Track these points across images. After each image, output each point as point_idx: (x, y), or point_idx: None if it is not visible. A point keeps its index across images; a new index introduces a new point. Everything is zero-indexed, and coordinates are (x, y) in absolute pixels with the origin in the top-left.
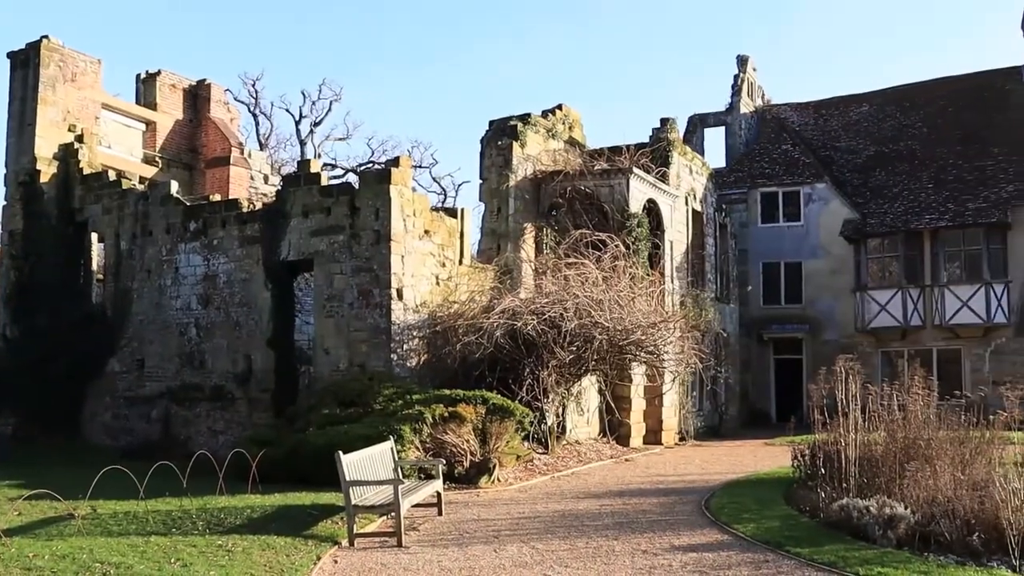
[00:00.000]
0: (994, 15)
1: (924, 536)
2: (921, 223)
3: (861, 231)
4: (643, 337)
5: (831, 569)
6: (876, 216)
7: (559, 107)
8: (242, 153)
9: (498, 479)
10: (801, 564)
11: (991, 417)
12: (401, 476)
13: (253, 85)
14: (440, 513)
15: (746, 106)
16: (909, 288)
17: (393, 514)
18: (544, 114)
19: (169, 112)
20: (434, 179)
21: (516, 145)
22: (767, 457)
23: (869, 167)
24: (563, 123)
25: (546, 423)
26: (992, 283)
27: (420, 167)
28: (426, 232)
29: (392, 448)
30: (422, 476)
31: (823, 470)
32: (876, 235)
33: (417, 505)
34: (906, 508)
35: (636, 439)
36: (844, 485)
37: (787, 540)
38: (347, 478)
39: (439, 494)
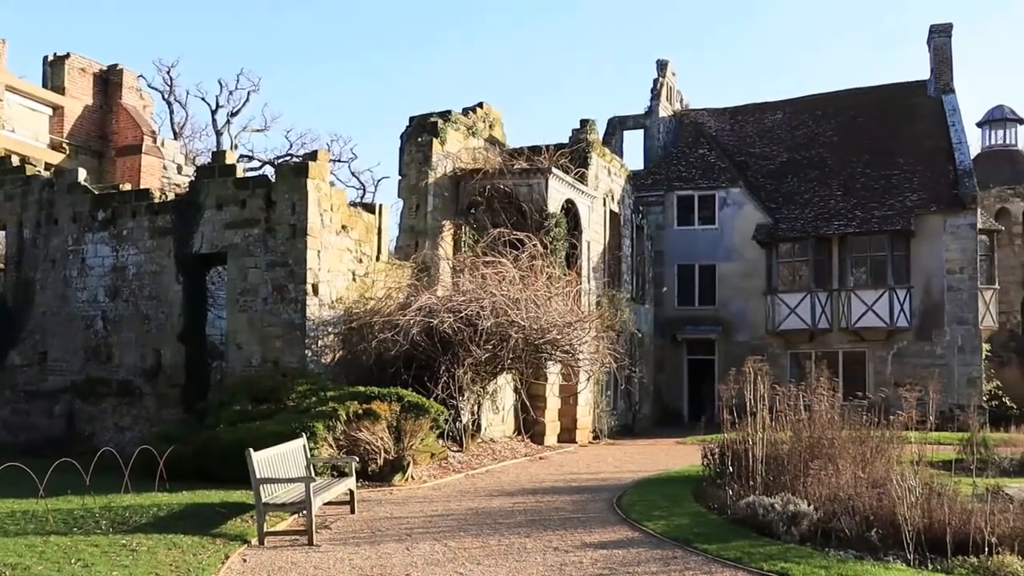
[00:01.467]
0: (903, 30)
1: (826, 532)
2: (830, 229)
3: (773, 235)
4: (559, 336)
5: (737, 565)
6: (787, 221)
7: (480, 105)
8: (155, 142)
9: (412, 477)
10: (708, 560)
11: (891, 417)
12: (313, 474)
13: (168, 72)
14: (353, 511)
15: (665, 110)
16: (818, 292)
17: (304, 512)
18: (465, 112)
19: (78, 97)
20: (353, 174)
21: (436, 142)
22: (679, 456)
23: (782, 173)
24: (484, 121)
25: (461, 421)
26: (896, 288)
27: (339, 161)
28: (343, 227)
29: (305, 445)
30: (335, 474)
31: (731, 468)
32: (787, 240)
33: (329, 503)
34: (809, 505)
35: (551, 437)
36: (751, 483)
37: (695, 537)
38: (257, 475)
39: (352, 492)
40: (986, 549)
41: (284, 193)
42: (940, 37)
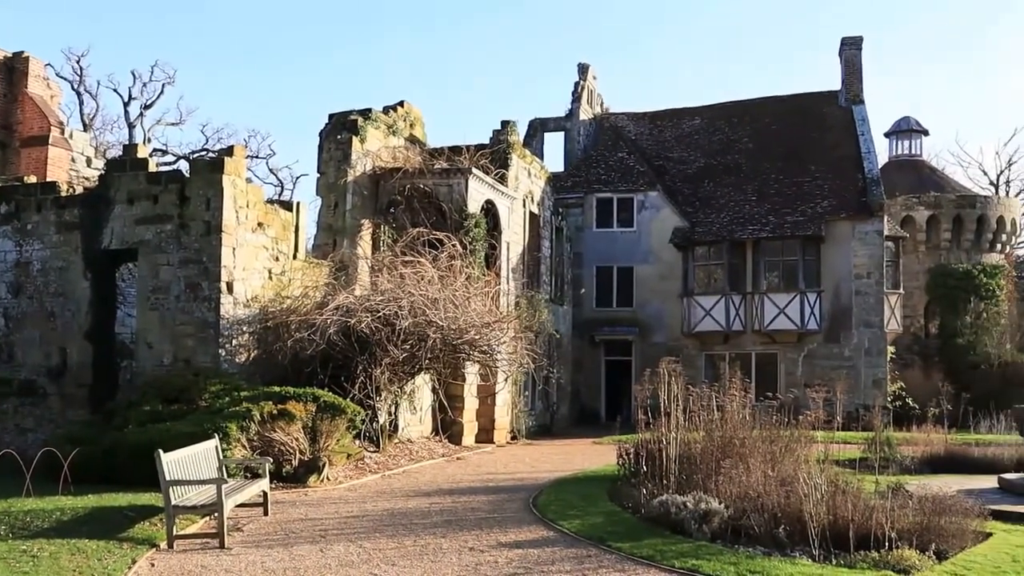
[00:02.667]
0: (815, 41)
1: (736, 529)
2: (744, 233)
3: (689, 239)
4: (477, 337)
5: (649, 563)
6: (704, 225)
7: (401, 104)
8: (62, 133)
9: (328, 478)
10: (622, 558)
11: (800, 417)
12: (226, 475)
13: (78, 61)
14: (266, 513)
15: (585, 113)
16: (732, 295)
17: (216, 514)
18: (386, 110)
19: None
20: (271, 171)
21: (356, 140)
22: (595, 455)
23: (699, 178)
24: (404, 120)
25: (378, 421)
26: (806, 292)
27: (257, 157)
28: (260, 225)
29: (217, 446)
30: (249, 475)
31: (645, 468)
32: (703, 243)
33: (242, 505)
34: (720, 503)
35: (468, 437)
36: (665, 482)
37: (609, 535)
38: (167, 477)
39: (265, 493)
40: (887, 544)
41: (199, 189)
42: (850, 49)
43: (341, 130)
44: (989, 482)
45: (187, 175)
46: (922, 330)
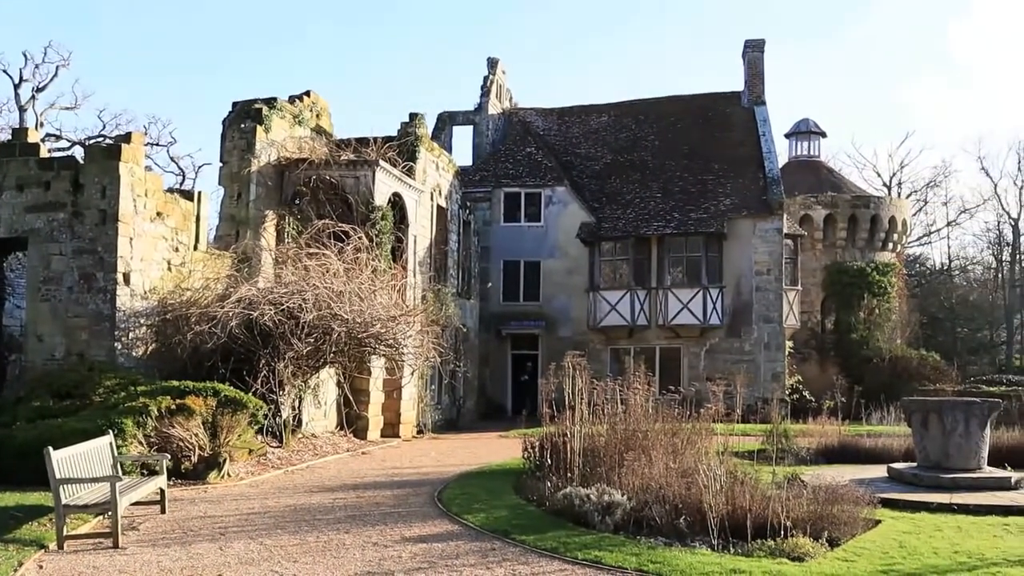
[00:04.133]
0: (721, 43)
1: (638, 520)
2: (649, 229)
3: (596, 234)
4: (383, 330)
5: (553, 555)
6: (610, 221)
7: (307, 94)
8: None
9: (228, 474)
10: (525, 551)
11: (702, 410)
12: (121, 473)
13: None
14: (163, 511)
15: (494, 107)
16: (637, 290)
17: (110, 513)
18: (291, 100)
19: None
20: (172, 159)
21: (260, 129)
22: (501, 449)
23: (605, 174)
24: (311, 110)
25: (281, 416)
26: (709, 288)
27: (157, 145)
28: (159, 214)
29: (111, 443)
30: (145, 472)
31: (550, 461)
32: (609, 239)
33: (138, 503)
34: (623, 495)
35: (374, 432)
36: (569, 475)
37: (514, 528)
38: (57, 475)
39: (163, 491)
40: (782, 532)
41: (94, 176)
42: (753, 52)
43: (245, 119)
44: (879, 471)
45: (82, 161)
46: (819, 325)
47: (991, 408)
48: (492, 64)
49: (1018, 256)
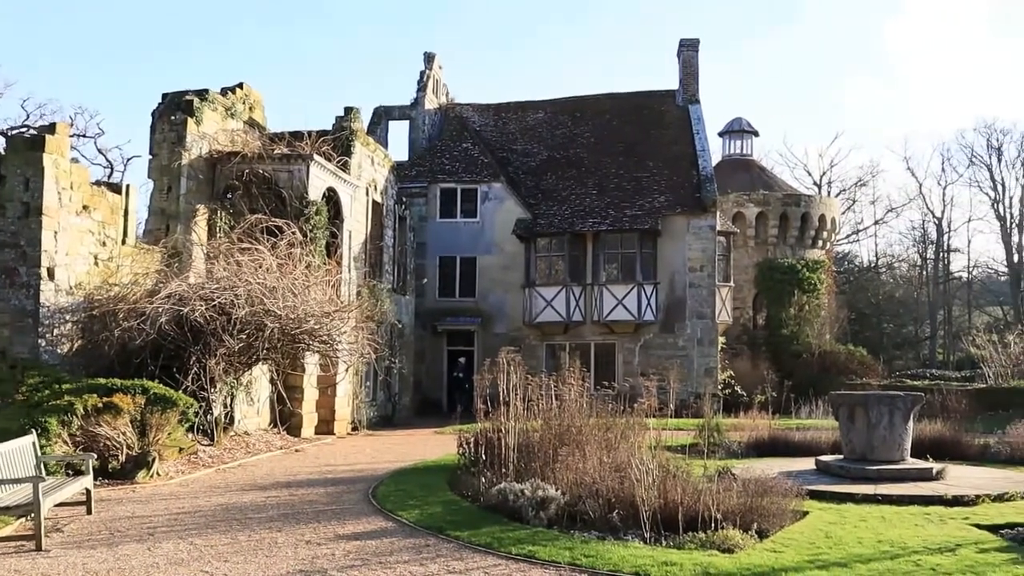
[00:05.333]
0: (656, 42)
1: (572, 515)
2: (585, 226)
3: (532, 230)
4: (317, 326)
5: (487, 550)
6: (546, 217)
7: (240, 86)
8: None
9: (158, 473)
10: (460, 547)
11: (635, 405)
12: (45, 473)
13: None
14: (89, 512)
15: (431, 103)
16: (572, 286)
17: (33, 515)
18: (224, 92)
19: None
20: (100, 151)
21: (191, 121)
22: (436, 445)
23: (542, 170)
24: (244, 103)
25: (213, 414)
26: (643, 284)
27: (84, 136)
28: (85, 208)
29: (34, 443)
30: (71, 473)
31: (485, 457)
32: (545, 235)
33: (62, 504)
34: (557, 490)
35: (308, 429)
36: (504, 470)
37: (448, 524)
38: None
39: (88, 491)
40: (713, 524)
41: (16, 168)
42: (688, 51)
43: (175, 110)
44: (808, 464)
45: (3, 152)
46: (751, 321)
47: (914, 401)
48: (429, 59)
49: (941, 254)
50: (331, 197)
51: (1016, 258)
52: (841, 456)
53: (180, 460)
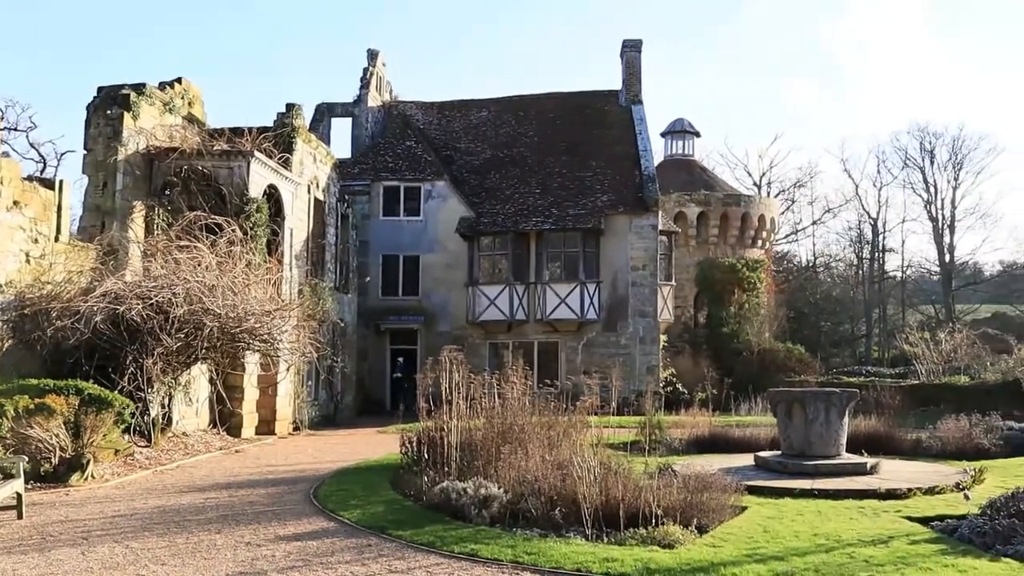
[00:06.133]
0: (600, 42)
1: (515, 513)
2: (528, 225)
3: (475, 229)
4: (257, 325)
5: (430, 549)
6: (489, 216)
7: (179, 80)
8: None
9: (93, 476)
10: (402, 546)
11: (578, 403)
12: None
13: None
14: (20, 516)
15: (374, 100)
16: (516, 284)
17: None
18: (162, 86)
19: None
20: (32, 145)
21: (128, 116)
22: (379, 445)
23: (485, 169)
24: (182, 98)
25: (150, 414)
26: (586, 283)
27: (15, 130)
28: (16, 203)
29: None
30: (0, 476)
31: (427, 455)
32: (488, 233)
33: None
34: (500, 488)
35: (248, 429)
36: (446, 469)
37: (390, 524)
38: None
39: (19, 495)
40: (654, 521)
41: None
42: (631, 51)
43: (111, 105)
44: (747, 460)
45: None
46: (692, 319)
47: (849, 398)
48: (372, 56)
49: (877, 254)
50: (272, 194)
51: (947, 258)
52: (779, 452)
53: (116, 462)
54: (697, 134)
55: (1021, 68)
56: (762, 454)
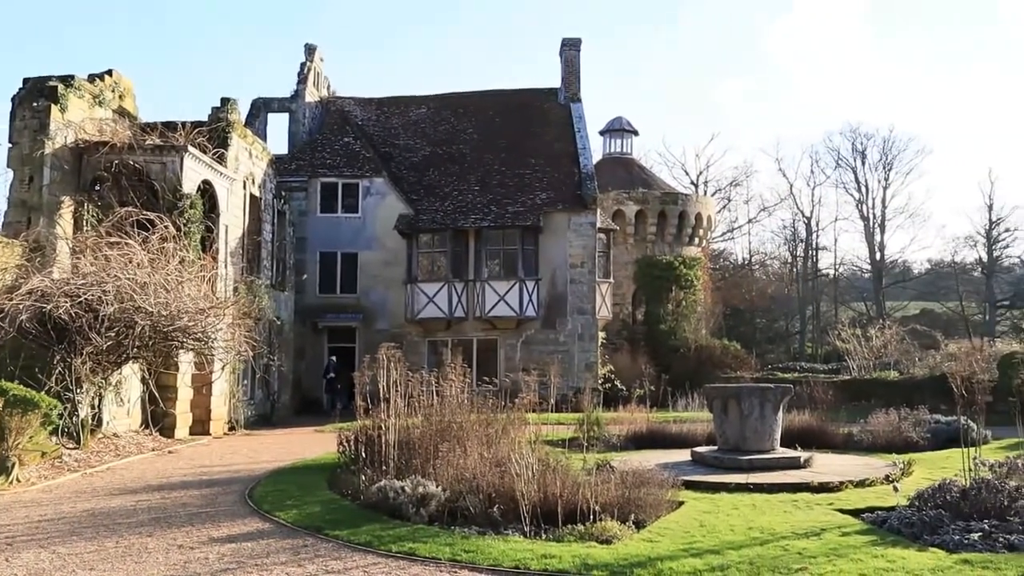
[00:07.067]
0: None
1: (453, 511)
2: (467, 222)
3: (414, 226)
4: (191, 323)
5: (367, 548)
6: (428, 213)
7: (109, 73)
8: None
9: (18, 479)
10: (339, 546)
11: (516, 400)
12: None
13: None
14: None
15: (312, 95)
16: (455, 282)
17: None
18: (91, 78)
19: None
20: None
21: (55, 109)
22: (316, 444)
23: (424, 166)
24: (113, 91)
25: (79, 415)
26: (525, 280)
27: None
28: None
29: None
30: None
31: (365, 454)
32: (427, 231)
33: None
34: (438, 486)
35: (182, 430)
36: (384, 468)
37: (327, 524)
38: None
39: None
40: (592, 516)
41: None
42: (570, 50)
43: (38, 97)
44: (684, 455)
45: None
46: (630, 316)
47: (783, 393)
48: (310, 51)
49: (810, 252)
50: (207, 190)
51: (878, 256)
52: (716, 447)
53: (43, 465)
54: (635, 133)
55: (949, 70)
56: (699, 449)
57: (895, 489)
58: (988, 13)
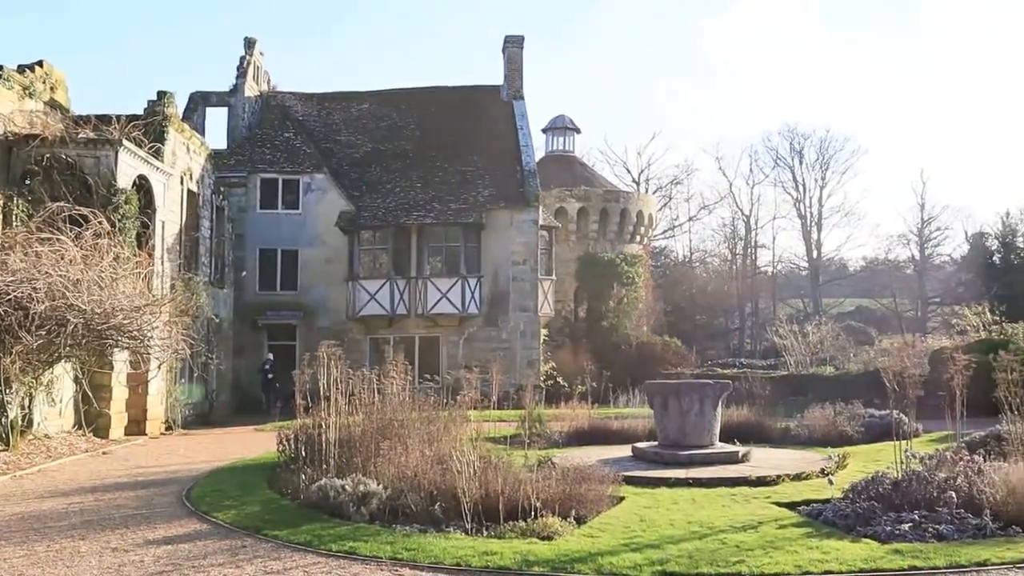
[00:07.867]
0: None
1: (395, 509)
2: (409, 219)
3: (355, 223)
4: (126, 321)
5: (307, 548)
6: (370, 210)
7: (40, 64)
8: None
9: None
10: (278, 546)
11: (458, 398)
12: None
13: None
14: None
15: (251, 90)
16: (397, 279)
17: None
18: (21, 69)
19: None
20: None
21: None
22: (256, 443)
23: (366, 162)
24: (44, 82)
25: (8, 416)
26: (467, 277)
27: None
28: None
29: None
30: None
31: (305, 453)
32: (369, 228)
33: None
34: (379, 484)
35: (117, 430)
36: (325, 466)
37: (266, 524)
38: None
39: None
40: (533, 513)
41: None
42: (513, 47)
43: None
44: (625, 451)
45: None
46: (572, 313)
47: (722, 389)
48: (249, 44)
49: (749, 250)
50: (142, 185)
51: (815, 254)
52: (656, 443)
53: None
54: (578, 131)
55: (884, 72)
56: (639, 445)
57: (830, 482)
58: (918, 15)
